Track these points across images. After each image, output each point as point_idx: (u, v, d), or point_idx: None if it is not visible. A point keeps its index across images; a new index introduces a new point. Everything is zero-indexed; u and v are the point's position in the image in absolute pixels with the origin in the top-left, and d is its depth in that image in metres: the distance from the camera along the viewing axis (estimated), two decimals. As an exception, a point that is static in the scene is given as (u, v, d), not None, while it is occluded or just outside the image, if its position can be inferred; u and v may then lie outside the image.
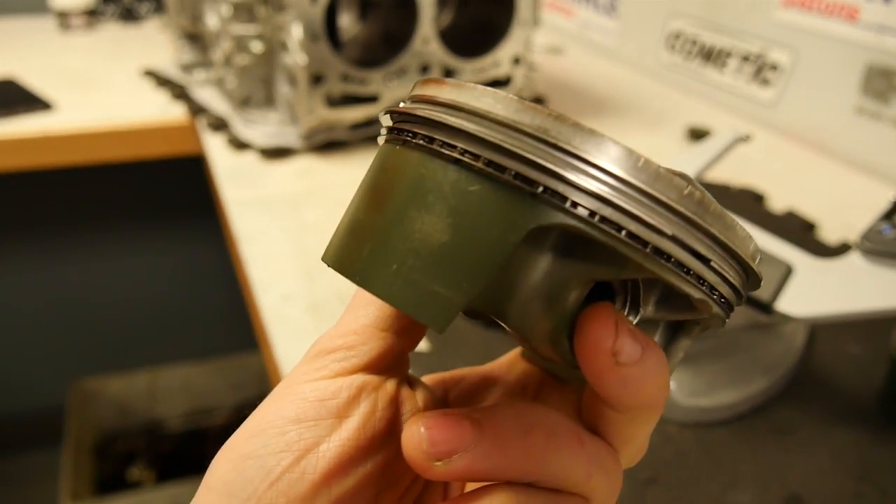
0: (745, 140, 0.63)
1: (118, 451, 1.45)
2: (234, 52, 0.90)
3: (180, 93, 1.07)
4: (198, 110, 0.99)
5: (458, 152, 0.18)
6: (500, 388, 0.26)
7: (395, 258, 0.18)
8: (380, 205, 0.19)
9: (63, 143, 0.98)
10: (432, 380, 0.26)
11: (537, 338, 0.20)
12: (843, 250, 0.68)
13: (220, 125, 0.95)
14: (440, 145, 0.18)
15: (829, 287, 0.45)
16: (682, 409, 0.48)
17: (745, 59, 1.00)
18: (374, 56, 0.90)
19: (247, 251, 0.68)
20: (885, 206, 0.51)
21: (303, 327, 0.58)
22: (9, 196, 1.44)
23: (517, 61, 0.97)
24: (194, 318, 1.67)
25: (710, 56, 1.07)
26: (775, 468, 0.45)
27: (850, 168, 0.87)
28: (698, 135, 0.94)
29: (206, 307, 1.67)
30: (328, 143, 0.90)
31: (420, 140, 0.19)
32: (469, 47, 0.94)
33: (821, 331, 0.56)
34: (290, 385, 0.22)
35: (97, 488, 1.36)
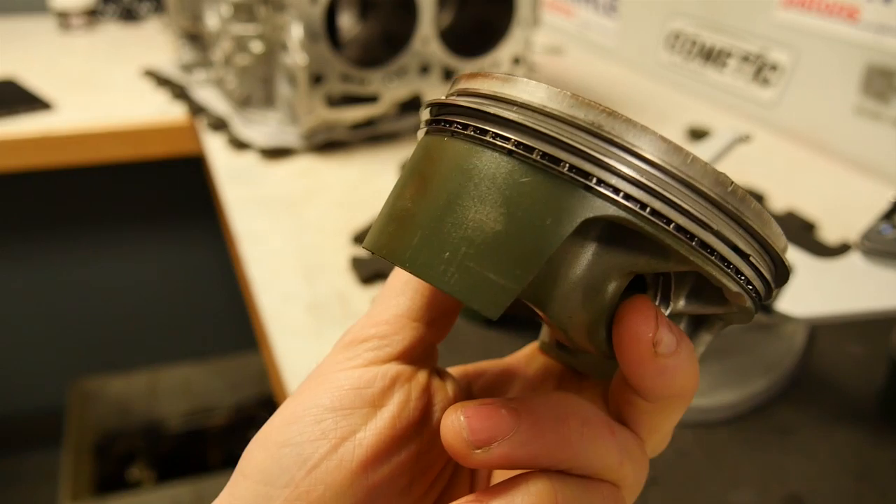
0: (745, 140, 0.63)
1: (118, 451, 1.45)
2: (234, 52, 0.90)
3: (180, 93, 1.07)
4: (198, 110, 0.99)
5: (511, 144, 0.18)
6: (521, 382, 0.26)
7: (448, 245, 0.18)
8: (430, 193, 0.19)
9: (63, 143, 0.98)
10: (456, 372, 0.26)
11: (575, 328, 0.20)
12: (843, 250, 0.68)
13: (220, 125, 0.95)
14: (493, 137, 0.19)
15: (829, 287, 0.45)
16: (682, 409, 0.48)
17: (745, 59, 1.00)
18: (374, 56, 0.90)
19: (247, 251, 0.68)
20: (885, 206, 0.51)
21: (303, 327, 0.58)
22: (9, 196, 1.44)
23: (517, 61, 0.97)
24: (194, 318, 1.67)
25: (710, 56, 1.07)
26: (775, 468, 0.45)
27: (850, 168, 0.87)
28: (698, 135, 0.94)
29: (206, 307, 1.67)
30: (328, 143, 0.90)
31: (471, 131, 0.19)
32: (469, 47, 0.94)
33: (821, 331, 0.56)
34: (323, 374, 0.22)
35: (97, 488, 1.36)
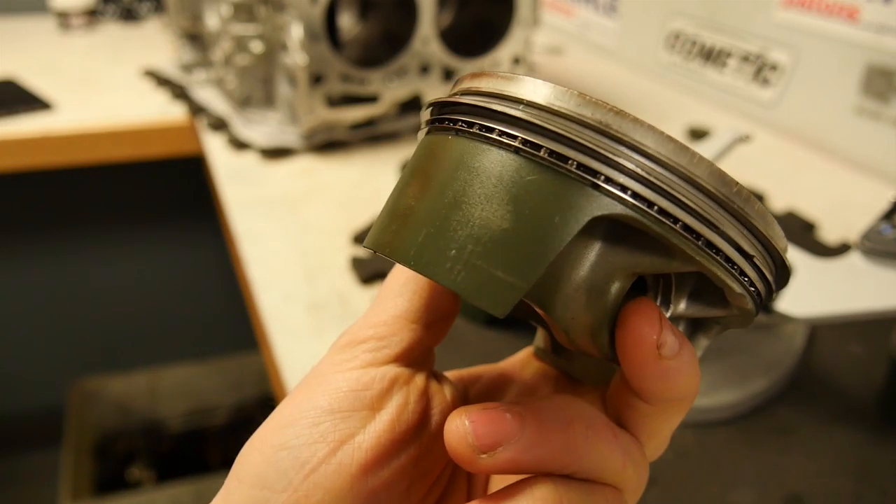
0: (745, 140, 0.63)
1: (118, 451, 1.45)
2: (234, 52, 0.90)
3: (180, 93, 1.07)
4: (198, 110, 0.99)
5: (518, 142, 0.18)
6: (517, 387, 0.26)
7: (455, 243, 0.18)
8: (435, 191, 0.19)
9: (63, 143, 0.98)
10: (452, 377, 0.26)
11: (578, 329, 0.20)
12: (843, 250, 0.68)
13: (220, 125, 0.95)
14: (499, 134, 0.19)
15: (829, 287, 0.45)
16: (682, 409, 0.48)
17: (745, 59, 1.00)
18: (374, 56, 0.90)
19: (247, 251, 0.68)
20: (885, 206, 0.51)
21: (303, 327, 0.58)
22: (9, 196, 1.44)
23: (517, 61, 0.97)
24: (194, 318, 1.67)
25: (710, 56, 1.07)
26: (775, 468, 0.45)
27: (850, 168, 0.87)
28: (698, 135, 0.94)
29: (206, 307, 1.67)
30: (328, 143, 0.90)
31: (477, 129, 0.19)
32: (469, 47, 0.94)
33: (821, 331, 0.56)
34: (320, 375, 0.21)
35: (97, 488, 1.36)
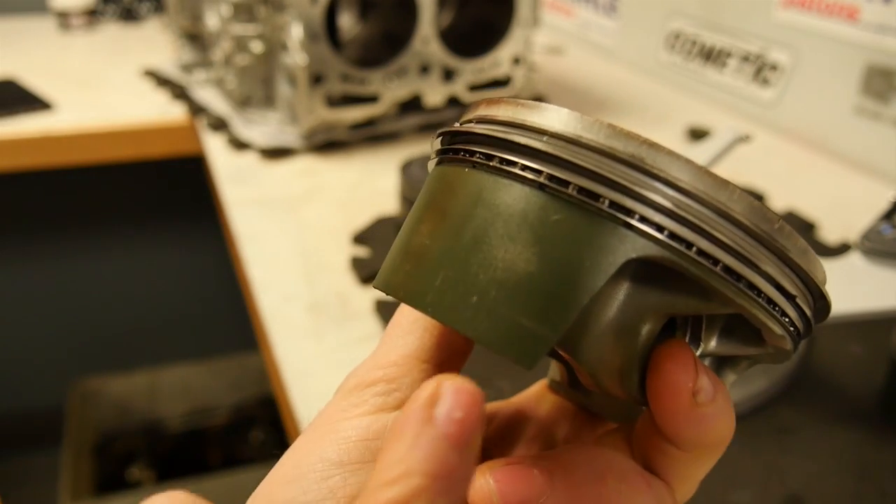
0: (746, 140, 0.63)
1: (118, 451, 1.45)
2: (234, 52, 0.90)
3: (180, 93, 1.07)
4: (198, 110, 0.99)
5: (544, 177, 0.17)
6: (534, 424, 0.25)
7: (476, 289, 0.17)
8: (451, 230, 0.18)
9: (63, 143, 0.98)
10: None
11: (605, 372, 0.19)
12: (843, 250, 0.68)
13: (220, 125, 0.95)
14: (522, 169, 0.17)
15: (829, 287, 0.45)
16: (682, 409, 0.48)
17: (745, 59, 1.00)
18: (374, 56, 0.90)
19: (247, 251, 0.68)
20: (885, 206, 0.51)
21: (303, 327, 0.58)
22: (9, 196, 1.44)
23: (517, 61, 0.97)
24: (194, 318, 1.67)
25: (710, 56, 1.07)
26: (775, 468, 0.45)
27: (850, 168, 0.87)
28: (698, 135, 0.94)
29: (206, 307, 1.67)
30: (328, 143, 0.90)
31: (496, 162, 0.17)
32: (469, 47, 0.94)
33: (821, 331, 0.56)
34: (328, 422, 0.20)
35: (97, 488, 1.36)
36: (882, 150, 0.84)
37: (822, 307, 0.20)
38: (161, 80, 1.12)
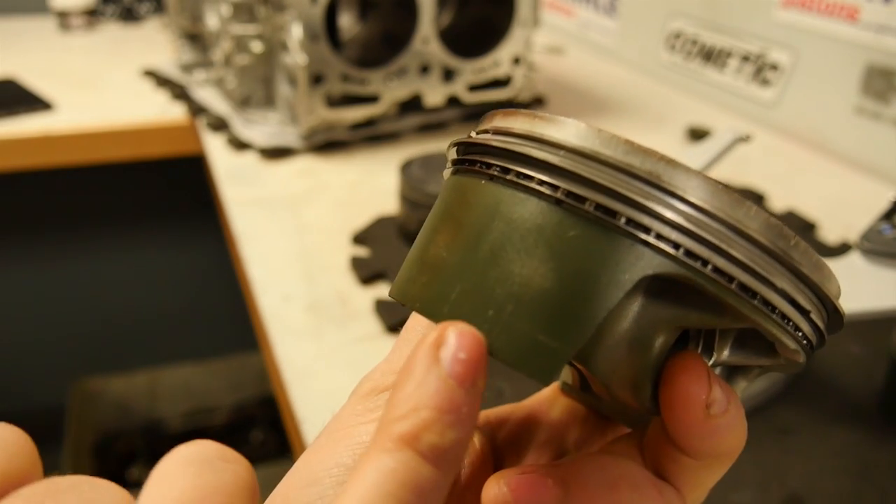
0: (746, 140, 0.63)
1: (118, 451, 1.45)
2: (234, 52, 0.90)
3: (180, 93, 1.07)
4: (198, 110, 0.99)
5: (561, 193, 0.17)
6: (546, 428, 0.25)
7: (492, 303, 0.17)
8: (468, 242, 0.18)
9: (63, 143, 0.98)
10: (478, 421, 0.25)
11: (618, 383, 0.19)
12: (843, 250, 0.68)
13: (220, 125, 0.95)
14: (539, 183, 0.17)
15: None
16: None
17: (745, 59, 1.00)
18: (374, 56, 0.90)
19: (247, 251, 0.68)
20: (885, 206, 0.51)
21: (303, 327, 0.58)
22: (9, 196, 1.44)
23: (517, 61, 0.97)
24: (194, 318, 1.67)
25: (710, 56, 1.07)
26: (775, 468, 0.45)
27: (850, 168, 0.87)
28: (698, 135, 0.94)
29: (206, 307, 1.67)
30: (328, 143, 0.90)
31: (513, 176, 0.17)
32: (469, 47, 0.94)
33: (821, 331, 0.55)
34: (343, 427, 0.20)
35: (97, 488, 1.36)
36: (882, 150, 0.84)
37: (836, 320, 0.20)
38: (161, 80, 1.12)
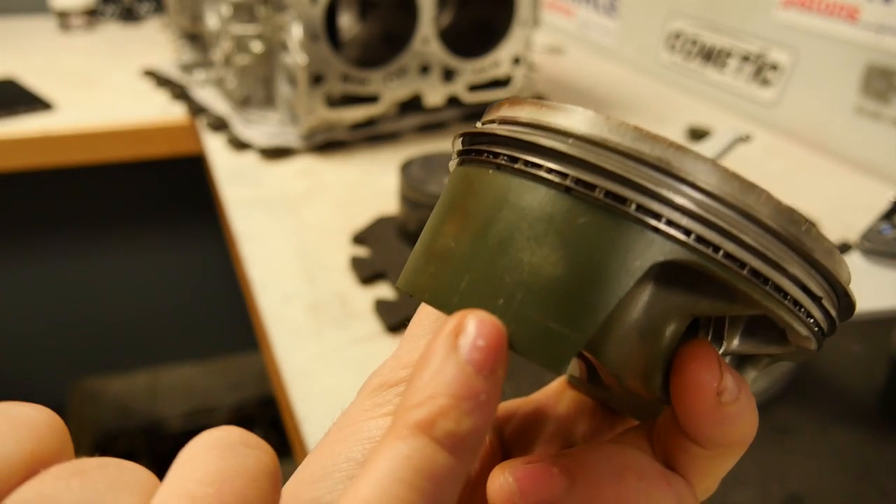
0: (745, 140, 0.63)
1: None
2: (234, 52, 0.90)
3: (180, 93, 1.07)
4: (198, 110, 0.99)
5: (570, 181, 0.17)
6: (554, 422, 0.25)
7: (502, 292, 0.17)
8: (476, 232, 0.18)
9: (63, 143, 0.98)
10: None
11: (629, 373, 0.19)
12: (843, 250, 0.68)
13: (220, 125, 0.95)
14: (547, 171, 0.17)
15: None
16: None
17: (745, 59, 1.00)
18: (374, 56, 0.90)
19: (247, 251, 0.68)
20: (885, 206, 0.51)
21: (303, 327, 0.58)
22: (9, 196, 1.44)
23: (517, 61, 0.97)
24: (194, 318, 1.67)
25: (710, 56, 1.07)
26: (775, 468, 0.45)
27: (850, 168, 0.87)
28: (698, 135, 0.94)
29: (206, 307, 1.67)
30: (328, 143, 0.90)
31: (521, 165, 0.17)
32: (469, 47, 0.94)
33: (821, 331, 0.55)
34: (352, 423, 0.20)
35: (97, 488, 1.36)
36: (882, 150, 0.84)
37: (847, 306, 0.19)
38: (161, 80, 1.12)
